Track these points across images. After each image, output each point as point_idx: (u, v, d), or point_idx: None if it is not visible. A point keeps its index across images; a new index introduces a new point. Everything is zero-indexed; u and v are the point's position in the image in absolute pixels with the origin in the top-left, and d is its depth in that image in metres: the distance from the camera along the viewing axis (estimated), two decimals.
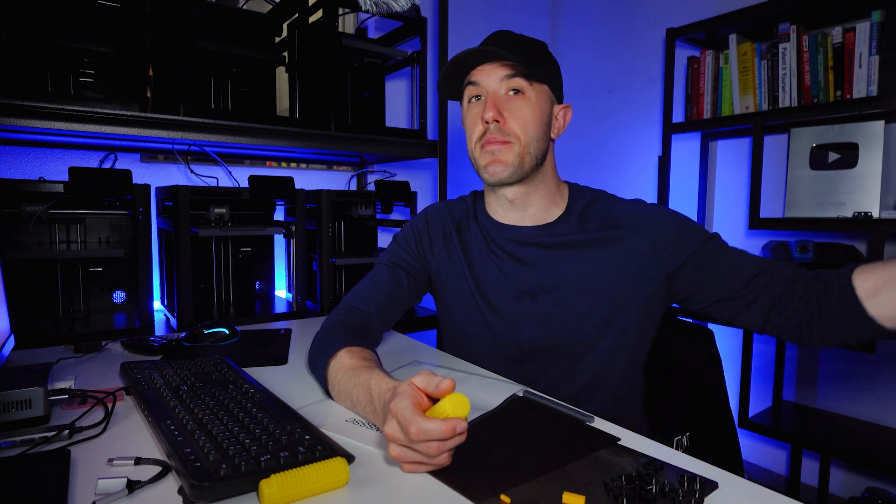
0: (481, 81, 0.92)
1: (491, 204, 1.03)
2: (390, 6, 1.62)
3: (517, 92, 0.91)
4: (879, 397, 1.75)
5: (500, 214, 1.01)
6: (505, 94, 0.92)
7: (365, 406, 0.72)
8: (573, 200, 0.99)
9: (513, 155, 0.91)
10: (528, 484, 0.57)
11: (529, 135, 0.91)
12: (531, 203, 0.97)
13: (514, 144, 0.91)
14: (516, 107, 0.91)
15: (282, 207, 1.76)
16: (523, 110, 0.91)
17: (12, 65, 1.20)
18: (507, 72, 0.90)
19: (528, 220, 0.98)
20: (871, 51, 1.52)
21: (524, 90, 0.91)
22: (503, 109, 0.91)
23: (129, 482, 0.55)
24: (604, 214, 0.96)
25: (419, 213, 1.11)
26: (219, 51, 1.44)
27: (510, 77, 0.91)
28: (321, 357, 0.85)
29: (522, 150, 0.91)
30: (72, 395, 0.77)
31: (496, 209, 1.02)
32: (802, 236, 1.81)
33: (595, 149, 2.49)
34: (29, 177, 1.50)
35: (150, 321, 1.30)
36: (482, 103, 0.93)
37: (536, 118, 0.92)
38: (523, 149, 0.91)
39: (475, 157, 0.95)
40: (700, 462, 0.63)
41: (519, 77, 0.91)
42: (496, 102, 0.91)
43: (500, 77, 0.91)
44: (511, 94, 0.92)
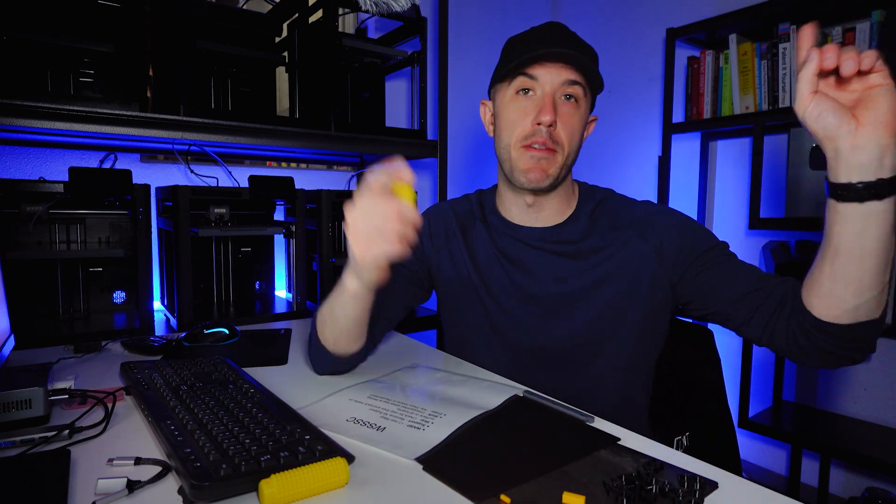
0: (541, 77, 0.87)
1: (505, 202, 1.01)
2: (390, 6, 1.62)
3: (570, 98, 0.88)
4: (879, 397, 1.75)
5: (514, 214, 0.99)
6: (560, 97, 0.88)
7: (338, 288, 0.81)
8: (583, 200, 0.98)
9: (556, 166, 0.89)
10: (528, 484, 0.57)
11: (573, 145, 0.90)
12: (547, 207, 0.96)
13: (559, 154, 0.89)
14: (568, 114, 0.88)
15: (282, 207, 1.76)
16: (574, 118, 0.89)
17: (12, 65, 1.20)
18: (571, 76, 0.87)
19: (541, 220, 0.97)
20: None
21: (578, 99, 0.89)
22: (557, 115, 0.87)
23: (129, 482, 0.55)
24: (612, 216, 0.95)
25: (421, 215, 1.10)
26: (219, 51, 1.44)
27: (572, 83, 0.87)
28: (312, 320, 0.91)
29: (564, 161, 0.89)
30: (72, 395, 0.77)
31: (510, 208, 1.00)
32: (802, 236, 1.81)
33: (595, 149, 2.49)
34: (29, 177, 1.50)
35: (150, 321, 1.30)
36: (535, 100, 0.88)
37: (581, 128, 0.91)
38: (565, 159, 0.89)
39: (512, 156, 0.91)
40: (700, 462, 0.63)
41: (579, 85, 0.88)
42: (555, 105, 0.87)
43: (563, 80, 0.87)
44: (564, 100, 0.88)
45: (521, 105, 0.89)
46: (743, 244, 2.04)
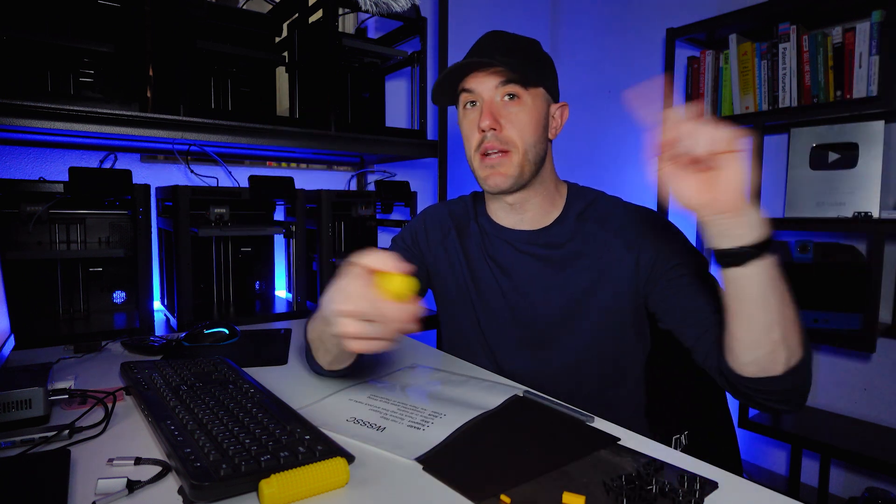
0: (476, 88, 0.91)
1: (491, 206, 1.03)
2: (390, 6, 1.62)
3: (513, 97, 0.90)
4: (879, 397, 1.75)
5: (501, 217, 1.01)
6: (500, 99, 0.90)
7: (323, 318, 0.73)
8: (571, 202, 0.99)
9: (512, 165, 0.90)
10: (528, 484, 0.57)
11: (527, 141, 0.90)
12: (530, 206, 0.97)
13: (513, 153, 0.90)
14: (512, 113, 0.90)
15: (282, 207, 1.76)
16: (519, 116, 0.90)
17: (12, 65, 1.20)
18: (501, 78, 0.89)
19: (527, 222, 0.98)
20: (871, 51, 1.52)
21: (520, 95, 0.90)
22: (499, 116, 0.89)
23: (129, 482, 0.55)
24: (602, 220, 0.95)
25: (417, 215, 1.12)
26: (219, 51, 1.44)
27: (504, 83, 0.89)
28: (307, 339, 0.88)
29: (521, 159, 0.90)
30: (72, 395, 0.77)
31: (496, 211, 1.02)
32: (802, 236, 1.81)
33: (595, 149, 2.49)
34: (29, 177, 1.50)
35: (150, 321, 1.30)
36: (477, 110, 0.92)
37: (533, 123, 0.91)
38: (522, 157, 0.90)
39: (474, 167, 0.94)
40: (700, 462, 0.63)
41: (513, 83, 0.89)
42: (492, 110, 0.89)
43: (494, 84, 0.89)
44: (507, 100, 0.90)
45: (469, 118, 0.93)
46: None
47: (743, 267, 0.62)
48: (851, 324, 1.59)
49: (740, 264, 0.62)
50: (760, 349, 0.67)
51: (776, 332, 0.65)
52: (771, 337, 0.65)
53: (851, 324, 1.59)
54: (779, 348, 0.66)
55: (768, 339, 0.65)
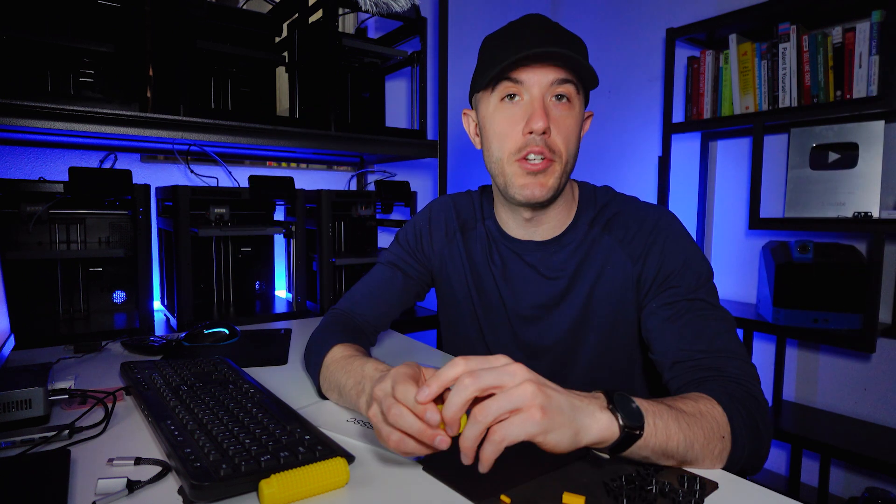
0: (526, 81, 0.78)
1: (501, 215, 0.95)
2: (390, 6, 1.62)
3: (561, 98, 0.79)
4: (879, 397, 1.75)
5: (511, 227, 0.93)
6: (550, 99, 0.79)
7: (351, 389, 0.71)
8: (584, 206, 0.92)
9: (554, 177, 0.80)
10: (528, 484, 0.57)
11: (571, 151, 0.81)
12: (546, 219, 0.89)
13: (556, 164, 0.80)
14: (562, 117, 0.79)
15: (282, 207, 1.76)
16: (568, 121, 0.80)
17: (12, 65, 1.20)
18: (561, 75, 0.78)
19: (539, 234, 0.91)
20: (871, 51, 1.52)
21: (571, 98, 0.80)
22: (550, 120, 0.78)
23: (129, 482, 0.55)
24: (609, 227, 0.89)
25: (423, 209, 1.07)
26: (219, 51, 1.44)
27: (561, 82, 0.78)
28: (315, 354, 0.85)
29: (563, 171, 0.81)
30: (72, 395, 0.77)
31: (507, 221, 0.93)
32: (802, 236, 1.81)
33: (595, 149, 2.49)
34: (29, 177, 1.50)
35: (150, 321, 1.30)
36: (523, 106, 0.79)
37: (577, 130, 0.82)
38: (564, 168, 0.81)
39: (506, 172, 0.82)
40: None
41: (571, 83, 0.79)
42: (547, 110, 0.78)
43: (551, 80, 0.78)
44: (555, 101, 0.79)
45: (508, 113, 0.80)
46: (743, 244, 2.04)
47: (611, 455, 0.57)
48: (851, 324, 1.59)
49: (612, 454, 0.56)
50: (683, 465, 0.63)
51: (689, 458, 0.61)
52: (685, 460, 0.61)
53: (851, 324, 1.59)
54: (697, 461, 0.62)
55: (683, 461, 0.61)
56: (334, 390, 0.77)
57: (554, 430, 0.50)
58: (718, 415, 0.63)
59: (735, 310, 1.88)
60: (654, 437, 0.57)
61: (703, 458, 0.61)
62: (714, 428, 0.62)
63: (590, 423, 0.53)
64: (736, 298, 2.07)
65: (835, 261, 1.60)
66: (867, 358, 1.77)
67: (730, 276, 2.09)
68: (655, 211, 0.88)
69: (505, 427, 0.49)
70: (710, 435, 0.61)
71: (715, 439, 0.62)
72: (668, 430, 0.58)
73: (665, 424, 0.58)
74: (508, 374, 0.51)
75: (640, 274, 0.84)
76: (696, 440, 0.60)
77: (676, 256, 0.82)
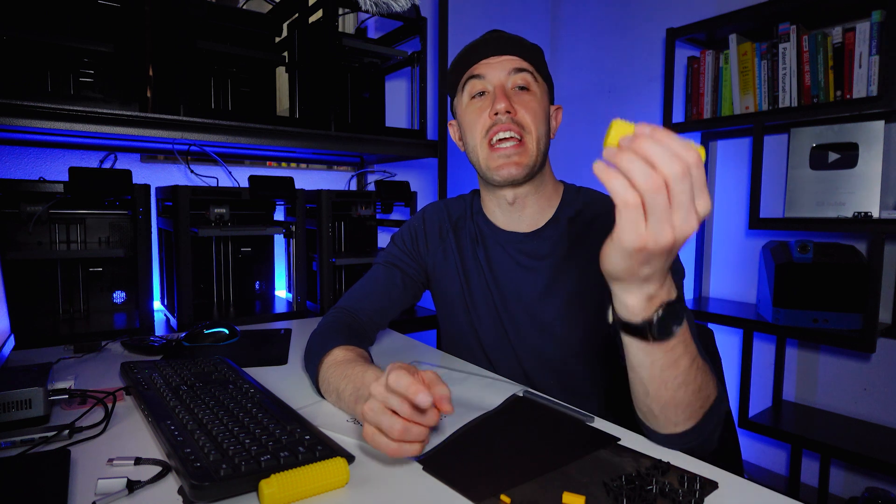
0: (487, 74, 0.89)
1: (488, 205, 1.00)
2: (390, 6, 1.62)
3: (523, 88, 0.89)
4: (879, 397, 1.75)
5: (497, 216, 0.99)
6: (511, 88, 0.89)
7: (350, 395, 0.72)
8: (565, 203, 0.97)
9: (528, 155, 0.88)
10: (528, 484, 0.57)
11: (541, 130, 0.89)
12: (529, 204, 0.95)
13: (527, 140, 0.87)
14: (525, 100, 0.88)
15: (282, 207, 1.76)
16: (532, 104, 0.88)
17: (12, 65, 1.20)
18: (516, 65, 0.88)
19: (524, 223, 0.96)
20: (871, 51, 1.52)
21: (530, 86, 0.89)
22: (513, 101, 0.87)
23: (129, 482, 0.55)
24: (591, 224, 0.94)
25: (416, 213, 1.11)
26: (219, 51, 1.44)
27: (519, 71, 0.88)
28: (315, 354, 0.85)
29: (535, 146, 0.88)
30: (72, 395, 0.77)
31: (493, 210, 0.99)
32: (802, 236, 1.81)
33: (595, 149, 2.49)
34: (29, 177, 1.50)
35: (150, 321, 1.30)
36: (488, 98, 0.89)
37: (543, 113, 0.90)
38: (535, 144, 0.88)
39: (481, 157, 0.90)
40: (700, 462, 0.63)
41: (527, 72, 0.88)
42: (507, 93, 0.87)
43: (508, 69, 0.88)
44: (517, 90, 0.89)
45: (477, 106, 0.90)
46: (743, 244, 2.04)
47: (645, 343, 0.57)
48: (851, 324, 1.59)
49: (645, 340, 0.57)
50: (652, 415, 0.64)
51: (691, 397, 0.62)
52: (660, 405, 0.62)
53: (851, 324, 1.59)
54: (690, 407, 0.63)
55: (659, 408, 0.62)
56: (332, 393, 0.78)
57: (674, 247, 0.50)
58: (713, 384, 0.66)
59: (735, 310, 1.88)
60: (689, 337, 0.59)
61: (698, 398, 0.63)
62: (711, 381, 0.65)
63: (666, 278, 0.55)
64: (736, 298, 2.07)
65: (835, 261, 1.60)
66: (867, 358, 1.77)
67: (730, 276, 2.09)
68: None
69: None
70: (707, 382, 0.64)
71: (709, 389, 0.64)
72: (696, 347, 0.60)
73: (694, 341, 0.60)
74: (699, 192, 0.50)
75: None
76: (704, 375, 0.62)
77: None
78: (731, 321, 1.80)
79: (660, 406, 0.62)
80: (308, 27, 1.58)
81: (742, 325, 1.79)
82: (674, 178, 0.47)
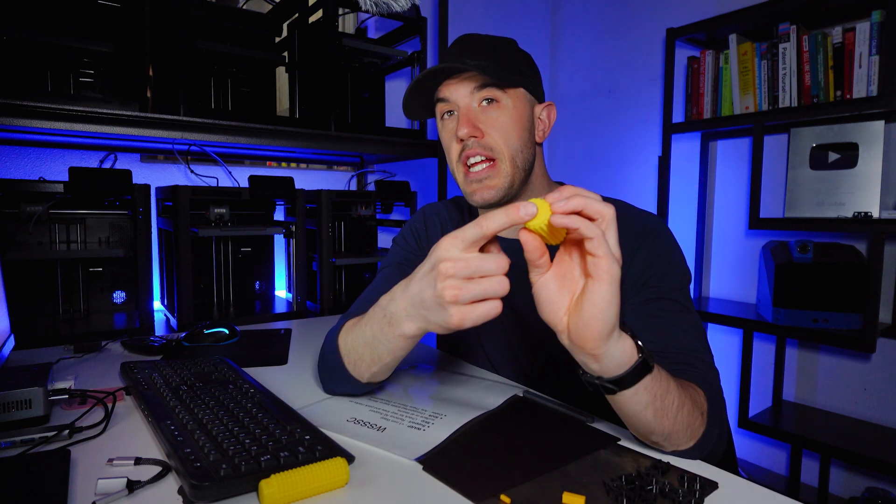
0: (450, 97, 0.85)
1: (482, 210, 0.97)
2: (390, 6, 1.62)
3: (491, 101, 0.84)
4: (879, 397, 1.74)
5: None
6: (478, 105, 0.84)
7: (381, 319, 0.67)
8: None
9: (500, 177, 0.84)
10: (528, 484, 0.57)
11: (513, 146, 0.84)
12: None
13: (499, 162, 0.84)
14: (493, 118, 0.84)
15: (282, 207, 1.76)
16: (500, 120, 0.84)
17: (12, 65, 1.20)
18: (476, 83, 0.83)
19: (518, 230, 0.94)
20: (871, 51, 1.52)
21: (498, 99, 0.84)
22: (479, 123, 0.83)
23: (129, 482, 0.55)
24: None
25: (417, 212, 1.10)
26: (219, 51, 1.44)
27: (480, 88, 0.83)
28: (330, 344, 0.81)
29: (509, 167, 0.84)
30: (72, 395, 0.77)
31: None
32: (802, 236, 1.81)
33: (595, 149, 2.49)
34: (29, 177, 1.50)
35: (150, 321, 1.30)
36: (455, 119, 0.86)
37: (518, 126, 0.85)
38: (510, 164, 0.84)
39: (459, 180, 0.88)
40: (700, 462, 0.64)
41: (489, 87, 0.83)
42: (470, 117, 0.83)
43: (468, 90, 0.83)
44: (485, 105, 0.84)
45: (447, 128, 0.88)
46: (743, 244, 2.04)
47: (613, 395, 0.58)
48: (851, 324, 1.59)
49: (610, 393, 0.58)
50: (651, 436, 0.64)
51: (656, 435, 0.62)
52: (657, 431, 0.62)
53: (851, 324, 1.59)
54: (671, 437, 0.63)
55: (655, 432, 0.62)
56: (361, 347, 0.73)
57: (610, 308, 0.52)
58: (700, 393, 0.66)
59: (735, 310, 1.88)
60: (658, 382, 0.58)
61: (686, 427, 0.62)
62: (698, 402, 0.64)
63: (618, 338, 0.55)
64: (736, 298, 2.07)
65: (835, 261, 1.60)
66: (867, 358, 1.77)
67: (730, 276, 2.09)
68: (646, 216, 0.91)
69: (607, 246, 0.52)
70: (694, 406, 0.63)
71: (697, 413, 0.63)
72: (669, 385, 0.59)
73: (667, 379, 0.59)
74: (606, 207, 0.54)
75: (627, 274, 0.85)
76: (685, 405, 0.61)
77: (662, 258, 0.85)
78: (731, 321, 1.80)
79: (664, 435, 0.62)
80: (308, 27, 1.58)
81: (742, 325, 1.79)
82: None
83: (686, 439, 0.63)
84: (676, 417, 0.60)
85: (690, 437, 0.63)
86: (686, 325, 0.79)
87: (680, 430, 0.62)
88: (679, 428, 0.61)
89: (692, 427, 0.62)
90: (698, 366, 0.73)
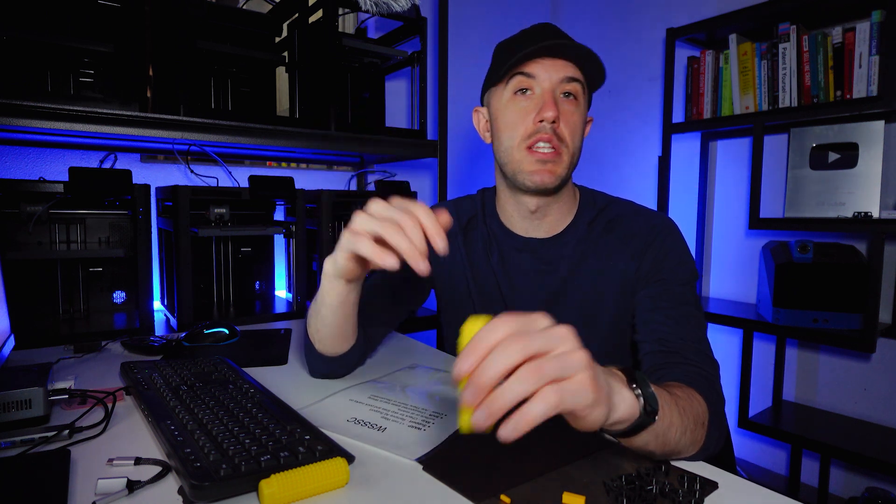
0: (539, 75, 0.84)
1: (506, 208, 0.97)
2: (390, 6, 1.62)
3: (568, 95, 0.85)
4: (879, 397, 1.75)
5: (515, 222, 0.96)
6: (559, 94, 0.85)
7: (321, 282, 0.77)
8: (584, 208, 0.96)
9: (562, 166, 0.86)
10: (528, 484, 0.57)
11: (577, 144, 0.87)
12: (550, 212, 0.93)
13: (564, 153, 0.85)
14: (568, 111, 0.85)
15: (282, 207, 1.76)
16: (575, 117, 0.86)
17: (12, 65, 1.20)
18: (570, 73, 0.84)
19: (542, 230, 0.94)
20: (871, 51, 1.52)
21: (577, 96, 0.86)
22: (560, 111, 0.84)
23: (129, 482, 0.55)
24: (610, 227, 0.93)
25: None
26: (219, 51, 1.44)
27: (571, 80, 0.85)
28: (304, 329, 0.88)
29: (570, 160, 0.86)
30: (72, 395, 0.77)
31: (512, 215, 0.96)
32: (802, 236, 1.81)
33: (595, 149, 2.49)
34: (29, 177, 1.50)
35: (150, 321, 1.30)
36: (534, 99, 0.85)
37: (581, 126, 0.88)
38: (571, 157, 0.86)
39: (515, 158, 0.87)
40: (700, 462, 0.64)
41: (578, 82, 0.85)
42: (556, 102, 0.84)
43: (561, 76, 0.84)
44: (563, 97, 0.85)
45: (520, 105, 0.86)
46: (743, 244, 2.04)
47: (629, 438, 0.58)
48: (851, 324, 1.59)
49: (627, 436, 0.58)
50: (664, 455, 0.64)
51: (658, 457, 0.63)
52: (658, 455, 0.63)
53: (851, 324, 1.59)
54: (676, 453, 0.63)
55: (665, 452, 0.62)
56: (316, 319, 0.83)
57: (598, 405, 0.47)
58: (700, 403, 0.66)
59: (735, 310, 1.88)
60: (661, 423, 0.57)
61: (689, 444, 0.62)
62: (700, 416, 0.64)
63: (618, 400, 0.51)
64: (736, 298, 2.07)
65: (835, 261, 1.60)
66: (867, 358, 1.77)
67: (730, 276, 2.09)
68: (658, 215, 0.94)
69: (561, 391, 0.44)
70: (696, 424, 0.63)
71: (699, 429, 0.64)
72: (672, 417, 0.59)
73: (670, 412, 0.59)
74: (558, 338, 0.46)
75: (639, 269, 0.89)
76: (688, 428, 0.61)
77: (672, 255, 0.88)
78: (731, 321, 1.80)
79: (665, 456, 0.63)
80: (308, 27, 1.58)
81: (742, 325, 1.79)
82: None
83: (687, 452, 0.64)
84: (679, 441, 0.61)
85: (691, 450, 0.64)
86: (693, 319, 0.82)
87: (682, 450, 0.63)
88: (682, 448, 0.62)
89: (694, 442, 0.63)
90: (699, 360, 0.75)
